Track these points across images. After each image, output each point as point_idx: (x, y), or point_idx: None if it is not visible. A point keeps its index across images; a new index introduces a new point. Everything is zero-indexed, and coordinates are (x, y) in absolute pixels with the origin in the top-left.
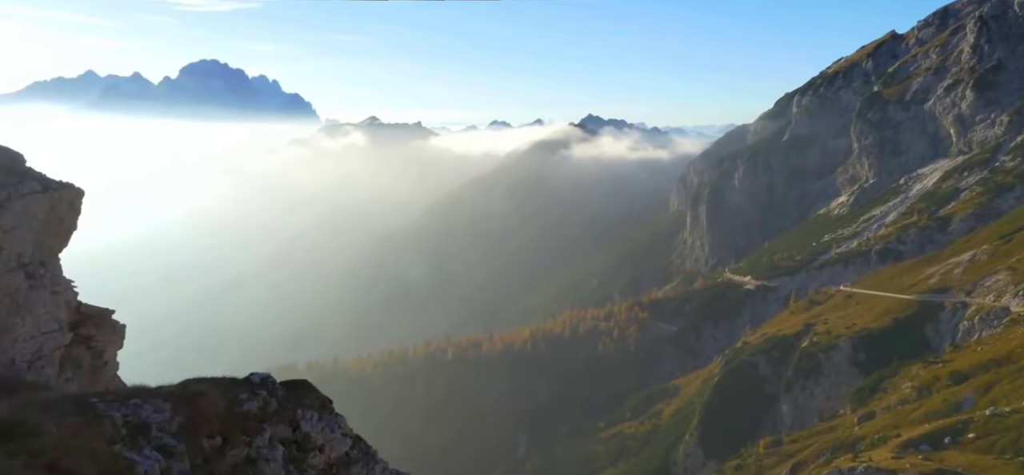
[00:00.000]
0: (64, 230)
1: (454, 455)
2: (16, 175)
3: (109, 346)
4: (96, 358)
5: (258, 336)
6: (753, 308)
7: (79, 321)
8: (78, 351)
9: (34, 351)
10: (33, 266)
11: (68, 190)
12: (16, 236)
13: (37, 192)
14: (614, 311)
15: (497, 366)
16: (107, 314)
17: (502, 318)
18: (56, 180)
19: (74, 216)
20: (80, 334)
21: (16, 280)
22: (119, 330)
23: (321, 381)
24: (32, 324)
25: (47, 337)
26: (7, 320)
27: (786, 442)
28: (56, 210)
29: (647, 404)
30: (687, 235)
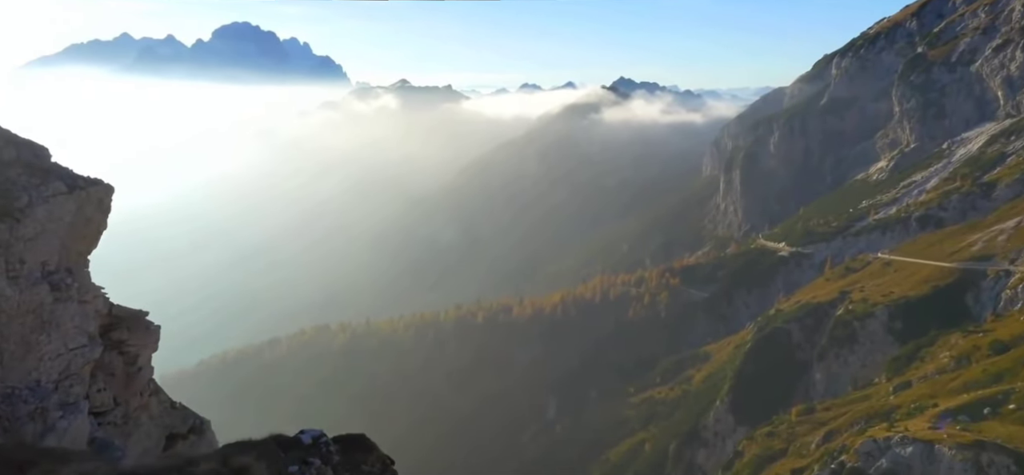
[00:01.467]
0: (92, 232)
1: (484, 417)
2: (39, 174)
3: (143, 351)
4: (129, 364)
5: (288, 299)
6: (787, 275)
7: (111, 325)
8: (110, 358)
9: (61, 369)
10: (59, 275)
11: (96, 187)
12: (39, 244)
13: (62, 193)
14: (645, 277)
15: (527, 330)
16: (140, 316)
17: (532, 282)
18: (83, 177)
19: (103, 215)
20: (112, 339)
21: (40, 294)
22: (153, 332)
23: (353, 342)
24: (58, 340)
25: (75, 353)
26: (31, 338)
27: (819, 410)
28: (83, 211)
29: (678, 370)
30: (720, 200)
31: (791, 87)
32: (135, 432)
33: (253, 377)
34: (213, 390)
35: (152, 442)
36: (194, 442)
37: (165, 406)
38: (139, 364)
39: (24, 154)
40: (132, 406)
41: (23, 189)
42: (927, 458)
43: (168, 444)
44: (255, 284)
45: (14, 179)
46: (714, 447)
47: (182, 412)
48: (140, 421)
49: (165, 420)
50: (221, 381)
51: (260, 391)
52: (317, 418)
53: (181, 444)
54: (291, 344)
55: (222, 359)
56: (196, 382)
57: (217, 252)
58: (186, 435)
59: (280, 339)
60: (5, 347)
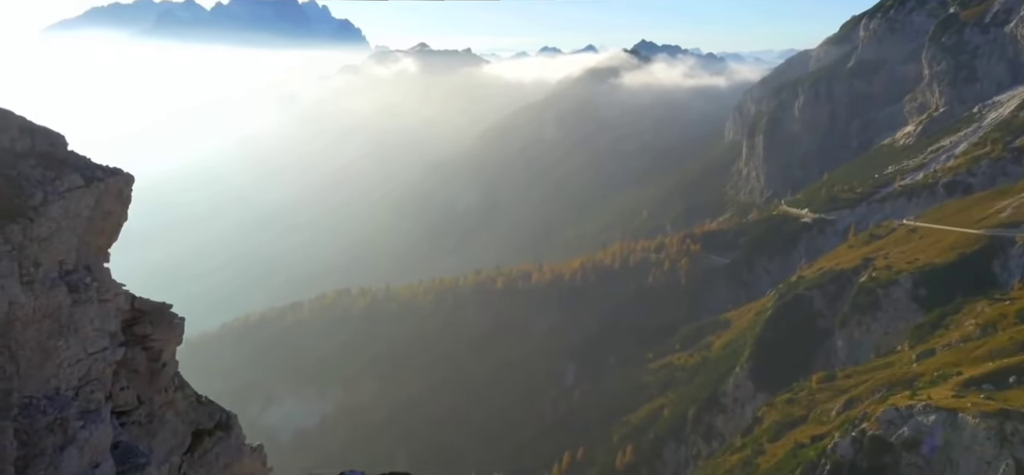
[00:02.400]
0: (112, 225)
1: (503, 382)
2: (54, 166)
3: (167, 346)
4: (153, 360)
5: (309, 263)
6: (809, 241)
7: (133, 319)
8: (133, 354)
9: (81, 375)
10: (77, 275)
11: (115, 178)
12: (55, 243)
13: (79, 187)
14: (665, 243)
15: (546, 296)
16: (164, 309)
17: (552, 247)
18: (101, 166)
19: (123, 207)
20: (135, 334)
21: (57, 297)
22: (177, 326)
23: (373, 306)
24: (78, 345)
25: (96, 357)
26: (48, 344)
27: (840, 377)
28: (102, 204)
29: (697, 336)
30: (742, 165)
31: (817, 50)
32: (160, 430)
33: (276, 339)
34: (237, 352)
35: (178, 440)
36: (221, 438)
37: (191, 401)
38: (163, 359)
39: (39, 143)
40: (157, 403)
41: (37, 184)
42: (950, 426)
43: (194, 441)
44: (275, 248)
45: (28, 173)
46: (733, 413)
47: (209, 407)
48: (165, 418)
49: (191, 416)
50: (244, 343)
51: (283, 353)
52: (338, 380)
53: (208, 441)
54: (313, 308)
55: (244, 322)
56: (220, 344)
57: (237, 217)
58: (213, 431)
59: (302, 303)
60: (21, 354)
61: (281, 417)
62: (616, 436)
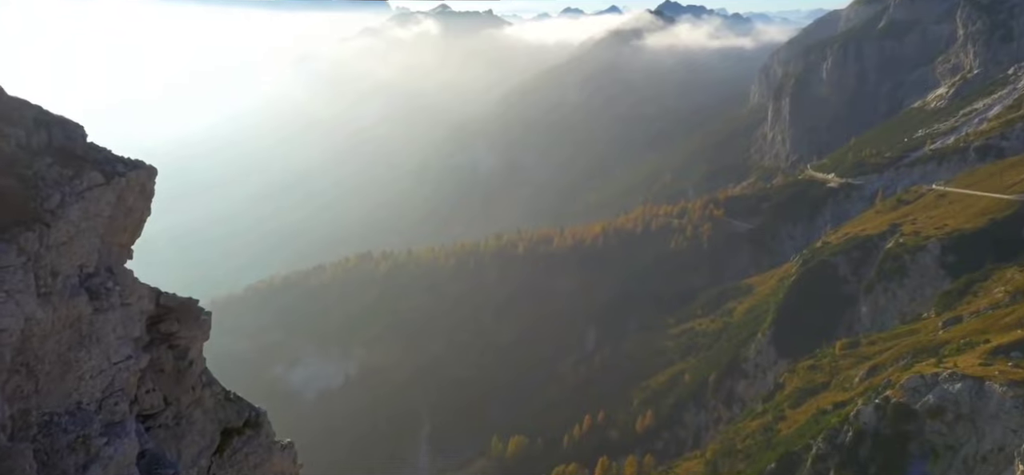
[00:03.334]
0: (134, 222)
1: (524, 346)
2: (72, 163)
3: (194, 343)
4: (180, 359)
5: (330, 227)
6: (835, 207)
7: (158, 316)
8: (159, 353)
9: (104, 387)
10: (98, 279)
11: (137, 172)
12: (74, 247)
13: (99, 185)
14: (688, 208)
15: (568, 261)
16: (191, 305)
17: (573, 212)
18: (122, 160)
19: (146, 202)
20: (160, 332)
21: (78, 306)
22: (204, 323)
23: (395, 270)
24: (100, 355)
25: (119, 367)
26: (68, 356)
27: (863, 344)
28: (124, 200)
29: (719, 302)
30: (768, 129)
31: (847, 9)
32: (188, 432)
33: (300, 302)
34: (262, 313)
35: (206, 441)
36: (250, 437)
37: (219, 398)
38: (190, 358)
39: (56, 136)
40: (184, 404)
41: (54, 185)
42: (976, 395)
43: (223, 441)
44: (297, 213)
45: (44, 173)
46: (754, 379)
47: (237, 405)
48: (193, 419)
49: (219, 414)
50: (269, 305)
51: (307, 315)
52: (361, 342)
53: (237, 440)
54: (335, 271)
55: (269, 284)
56: (245, 306)
57: (258, 181)
58: (242, 429)
59: (325, 266)
60: (40, 369)
61: (306, 377)
62: (636, 400)
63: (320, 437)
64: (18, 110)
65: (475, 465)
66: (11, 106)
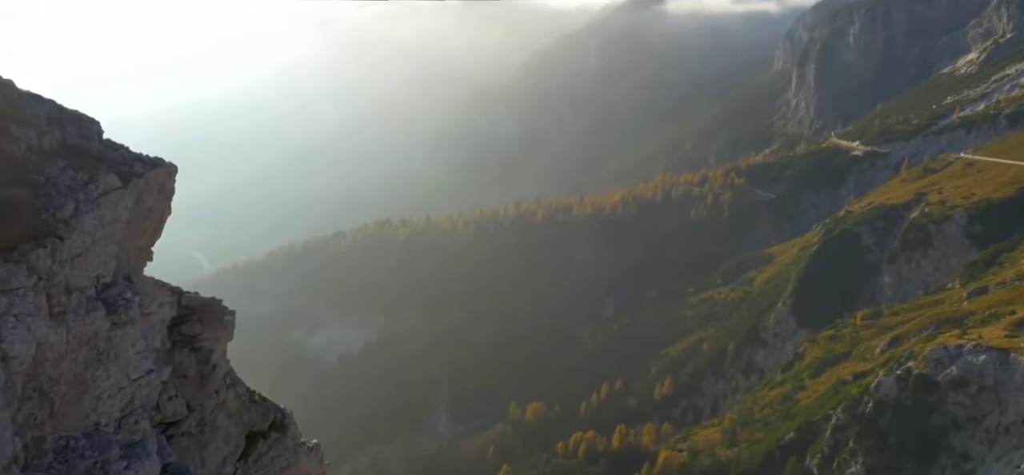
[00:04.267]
0: (154, 223)
1: (542, 314)
2: (87, 165)
3: (217, 345)
4: (203, 362)
5: (348, 194)
6: (859, 175)
7: (181, 318)
8: (181, 356)
9: (124, 405)
10: (116, 290)
11: (156, 171)
12: (90, 260)
13: (116, 188)
14: (709, 176)
15: (587, 229)
16: (214, 305)
17: (592, 179)
18: (140, 158)
19: (166, 201)
20: (183, 334)
21: (94, 323)
22: (228, 322)
23: (414, 237)
24: (119, 372)
25: (140, 383)
26: (85, 376)
27: (886, 314)
28: (143, 202)
29: (739, 271)
30: (792, 96)
31: None
32: (212, 439)
33: (320, 268)
34: (283, 279)
35: (231, 447)
36: (276, 440)
37: (243, 400)
38: (213, 361)
39: (70, 135)
40: (208, 409)
41: (67, 192)
42: (1001, 367)
43: (248, 445)
44: (317, 180)
45: (57, 179)
46: (774, 348)
47: (262, 406)
48: (217, 424)
49: (244, 417)
50: (290, 271)
51: (327, 281)
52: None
53: (262, 444)
54: (355, 238)
55: (289, 250)
56: (267, 271)
57: (278, 146)
58: (267, 433)
59: (344, 233)
60: (55, 392)
61: (326, 343)
62: (655, 369)
63: (340, 402)
64: (30, 107)
65: (493, 431)
66: (23, 103)
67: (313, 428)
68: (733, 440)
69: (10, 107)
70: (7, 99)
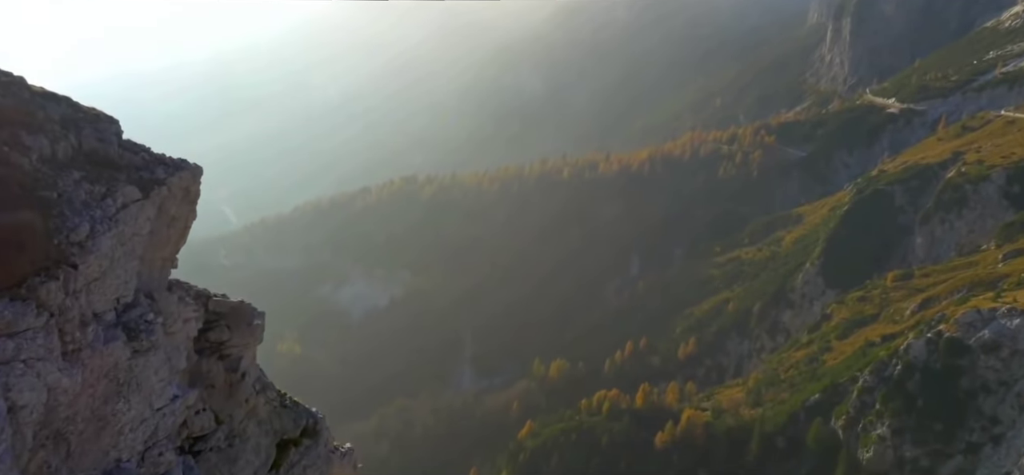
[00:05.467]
0: (178, 231)
1: (567, 272)
2: (104, 175)
3: (247, 350)
4: (231, 370)
5: (374, 149)
6: (894, 134)
7: (208, 324)
8: (209, 365)
9: (147, 437)
10: (138, 311)
11: (180, 175)
12: (107, 284)
13: (136, 200)
14: (738, 134)
15: (613, 187)
16: (242, 309)
17: (619, 136)
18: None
19: (191, 206)
20: (210, 341)
21: (113, 354)
22: (257, 326)
23: (439, 193)
24: (141, 403)
25: (164, 413)
26: (104, 411)
27: (917, 276)
28: (165, 211)
29: (767, 231)
30: (826, 51)
31: None
32: (242, 452)
33: (346, 223)
34: (309, 234)
35: (261, 458)
36: (308, 447)
37: (274, 405)
38: (243, 368)
39: (86, 139)
40: (237, 419)
41: (83, 209)
42: None
43: (279, 454)
44: (342, 134)
45: (70, 195)
46: (801, 309)
47: (293, 411)
48: (247, 434)
49: (275, 424)
50: (316, 226)
51: (353, 236)
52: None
53: (294, 452)
54: (380, 194)
55: (316, 206)
56: (293, 226)
57: (303, 99)
58: (299, 440)
59: (370, 189)
60: (71, 432)
61: (352, 297)
62: (679, 328)
63: (365, 356)
64: (43, 109)
65: (517, 387)
66: (35, 105)
67: (340, 381)
68: (757, 400)
69: (21, 110)
70: (18, 100)
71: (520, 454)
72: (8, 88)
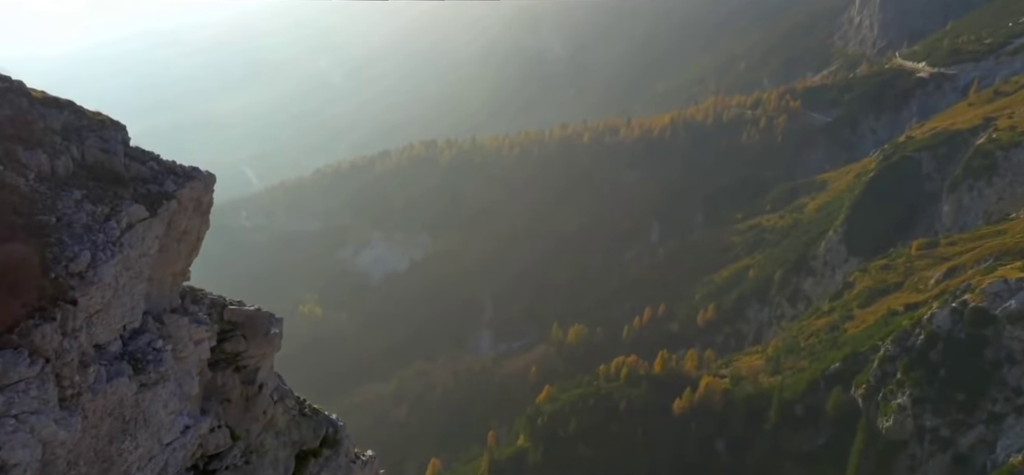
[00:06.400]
0: (189, 244)
1: (586, 237)
2: (108, 193)
3: (264, 361)
4: (248, 383)
5: (393, 112)
6: (924, 99)
7: (223, 334)
8: (224, 378)
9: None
10: (145, 339)
11: (190, 186)
12: (112, 313)
13: (143, 219)
14: (762, 98)
15: (634, 152)
16: (259, 318)
17: (641, 100)
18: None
19: (203, 217)
20: (226, 352)
21: (118, 391)
22: (275, 336)
23: (459, 157)
24: (149, 438)
25: (173, 448)
26: (108, 451)
27: (943, 244)
28: (176, 225)
29: (790, 197)
30: (855, 13)
31: None
32: (259, 468)
33: (366, 186)
34: (329, 197)
35: (279, 472)
36: (329, 458)
37: (293, 415)
38: (260, 380)
39: (89, 149)
40: (254, 433)
41: (84, 234)
42: None
43: (298, 465)
44: (361, 96)
45: (71, 217)
46: (822, 277)
47: (313, 420)
48: (264, 448)
49: (293, 435)
50: (337, 189)
51: (373, 200)
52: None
53: (313, 464)
54: (400, 158)
55: (336, 169)
56: (314, 189)
57: (323, 62)
58: (319, 450)
59: (390, 152)
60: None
61: (372, 260)
62: (699, 294)
63: (385, 319)
64: (43, 118)
65: (535, 351)
66: (34, 114)
67: (360, 341)
68: (776, 368)
69: (19, 123)
70: (15, 110)
71: (538, 418)
72: (4, 96)
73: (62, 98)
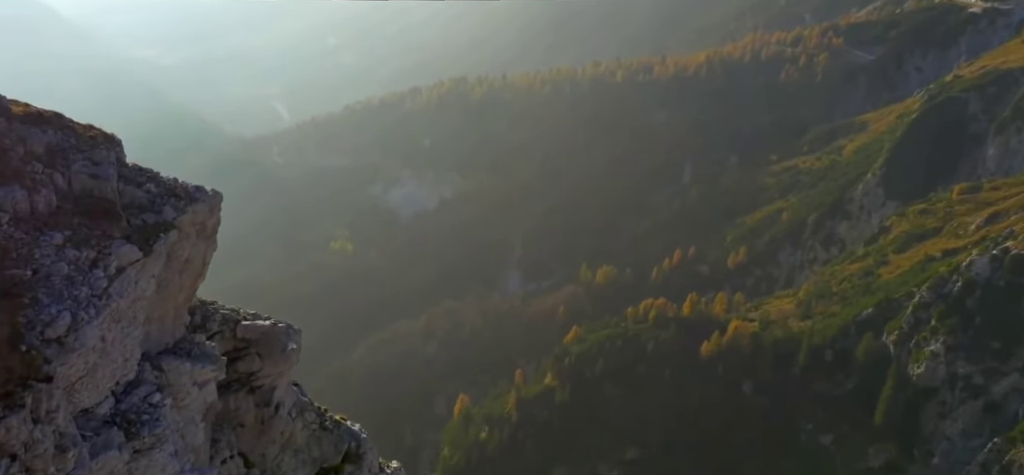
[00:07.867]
0: (193, 273)
1: (618, 176)
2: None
3: (280, 380)
4: (263, 405)
5: (423, 49)
6: (974, 36)
7: (236, 352)
8: (237, 402)
9: None
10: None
11: (194, 208)
12: (98, 376)
13: (134, 262)
14: (803, 35)
15: (668, 90)
16: (274, 334)
17: (676, 38)
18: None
19: (208, 241)
20: (239, 371)
21: (106, 466)
22: (291, 353)
23: (490, 94)
24: None
25: None
26: None
27: (986, 189)
28: (177, 256)
29: (828, 138)
30: None
31: None
32: None
33: (396, 124)
34: (359, 134)
35: None
36: (351, 473)
37: (313, 430)
38: (276, 400)
39: (77, 177)
40: (270, 457)
41: (65, 290)
42: None
43: None
44: (389, 28)
45: (50, 267)
46: (858, 221)
47: (334, 434)
48: (282, 470)
49: (314, 452)
50: (366, 126)
51: (403, 137)
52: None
53: None
54: (430, 95)
55: (366, 105)
56: (344, 125)
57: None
58: (341, 467)
59: (420, 89)
60: None
61: (402, 198)
62: (730, 237)
63: (414, 256)
64: (23, 141)
65: (564, 292)
66: (12, 139)
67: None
68: (807, 312)
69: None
70: None
71: (565, 358)
72: None
73: (48, 112)
